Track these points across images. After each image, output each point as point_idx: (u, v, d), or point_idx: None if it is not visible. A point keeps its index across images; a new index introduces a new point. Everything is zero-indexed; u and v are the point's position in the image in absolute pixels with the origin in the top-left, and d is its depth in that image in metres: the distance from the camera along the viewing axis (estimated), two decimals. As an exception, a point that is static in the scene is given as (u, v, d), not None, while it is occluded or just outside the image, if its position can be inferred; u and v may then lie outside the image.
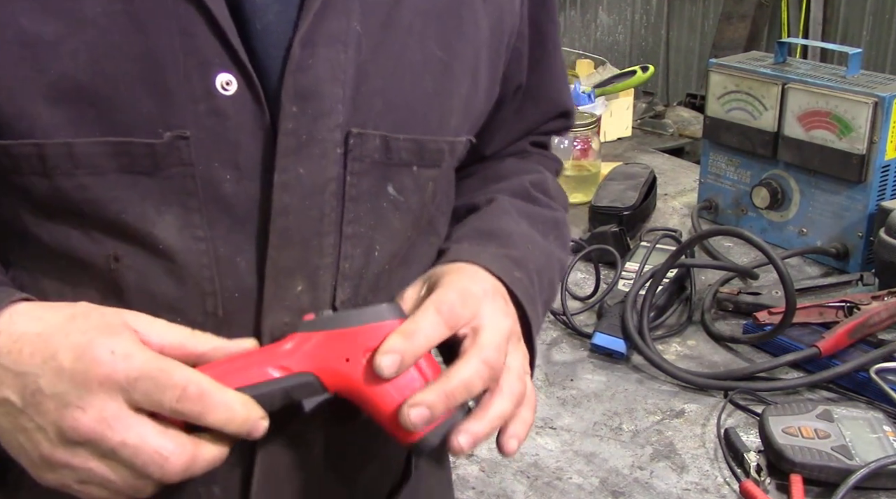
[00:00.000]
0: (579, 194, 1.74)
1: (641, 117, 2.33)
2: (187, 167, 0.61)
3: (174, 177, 0.61)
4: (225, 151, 0.62)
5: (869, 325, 1.15)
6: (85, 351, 0.57)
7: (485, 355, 0.64)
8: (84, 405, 0.56)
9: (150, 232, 0.61)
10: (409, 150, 0.69)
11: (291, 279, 0.65)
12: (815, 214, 1.46)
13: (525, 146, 0.91)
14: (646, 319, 1.22)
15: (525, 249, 0.78)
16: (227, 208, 0.63)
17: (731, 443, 1.02)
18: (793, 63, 1.51)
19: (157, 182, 0.61)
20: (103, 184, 0.60)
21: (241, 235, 0.63)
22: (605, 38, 4.35)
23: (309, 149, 0.64)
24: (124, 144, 0.59)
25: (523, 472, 1.02)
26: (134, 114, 0.59)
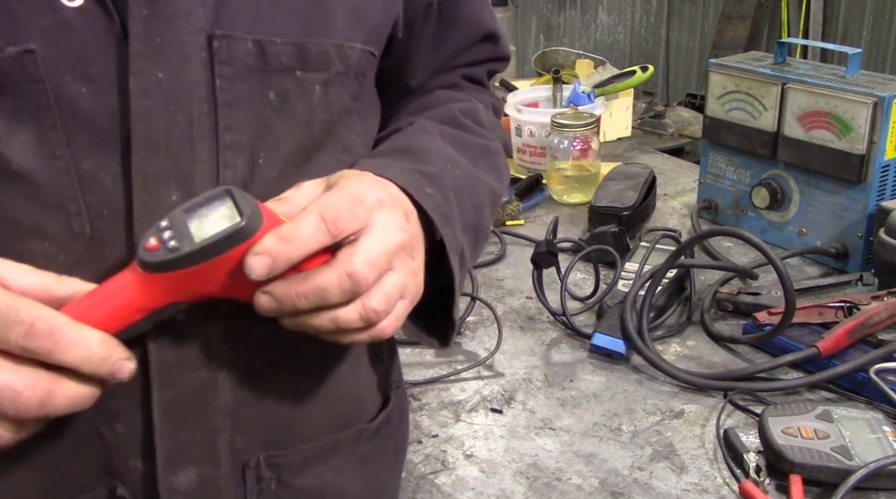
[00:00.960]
0: (579, 194, 1.74)
1: (641, 117, 2.33)
2: (37, 83, 0.59)
3: (24, 94, 0.59)
4: (76, 64, 0.60)
5: (869, 325, 1.15)
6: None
7: (351, 267, 0.61)
8: None
9: (3, 154, 0.59)
10: (289, 54, 0.66)
11: (164, 188, 0.63)
12: (814, 214, 1.46)
13: (456, 79, 0.88)
14: (645, 320, 1.22)
15: (443, 167, 0.75)
16: (85, 122, 0.61)
17: (730, 443, 1.02)
18: (793, 63, 1.51)
19: (6, 101, 0.59)
20: None
21: (103, 149, 0.62)
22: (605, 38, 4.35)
23: (166, 53, 0.62)
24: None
25: (522, 472, 1.02)
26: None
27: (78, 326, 0.57)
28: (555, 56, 2.37)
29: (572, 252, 1.45)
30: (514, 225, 1.66)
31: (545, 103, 2.02)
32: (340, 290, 0.61)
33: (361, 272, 0.61)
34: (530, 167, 1.88)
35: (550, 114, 1.78)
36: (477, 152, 0.81)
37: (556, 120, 1.73)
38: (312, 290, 0.60)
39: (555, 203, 1.76)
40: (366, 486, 0.80)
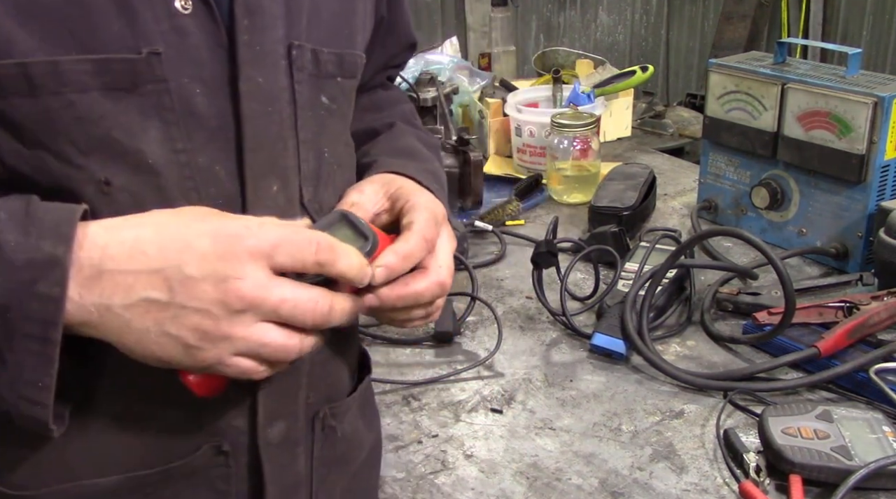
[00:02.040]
0: (579, 194, 1.74)
1: (641, 117, 2.33)
2: (162, 83, 0.65)
3: (151, 93, 0.65)
4: (192, 66, 0.66)
5: (868, 325, 1.15)
6: (220, 232, 0.62)
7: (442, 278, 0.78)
8: (241, 276, 0.62)
9: (139, 148, 0.65)
10: (333, 62, 0.77)
11: (267, 180, 0.71)
12: (814, 214, 1.46)
13: (383, 79, 1.03)
14: (645, 320, 1.22)
15: (432, 164, 0.93)
16: (200, 121, 0.67)
17: (730, 443, 1.02)
18: (792, 63, 1.51)
19: (137, 98, 0.64)
20: (89, 101, 0.62)
21: (216, 145, 0.68)
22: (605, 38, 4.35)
23: (263, 59, 0.70)
24: (106, 61, 0.62)
25: (522, 473, 1.02)
26: (107, 33, 0.62)
27: (339, 242, 0.68)
28: (555, 56, 2.37)
29: (572, 252, 1.45)
30: (514, 225, 1.66)
31: (545, 103, 2.02)
32: (432, 295, 0.78)
33: (448, 281, 0.79)
34: (530, 167, 1.88)
35: (550, 114, 1.78)
36: (431, 147, 0.99)
37: (556, 120, 1.73)
38: (412, 294, 0.76)
39: (555, 203, 1.76)
40: (369, 429, 0.95)
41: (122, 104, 0.64)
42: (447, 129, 1.84)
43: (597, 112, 1.83)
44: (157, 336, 0.62)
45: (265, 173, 0.71)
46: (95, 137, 0.63)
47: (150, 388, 0.70)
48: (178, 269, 0.61)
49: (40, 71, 0.61)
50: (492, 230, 1.60)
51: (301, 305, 0.65)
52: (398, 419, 1.12)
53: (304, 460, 0.82)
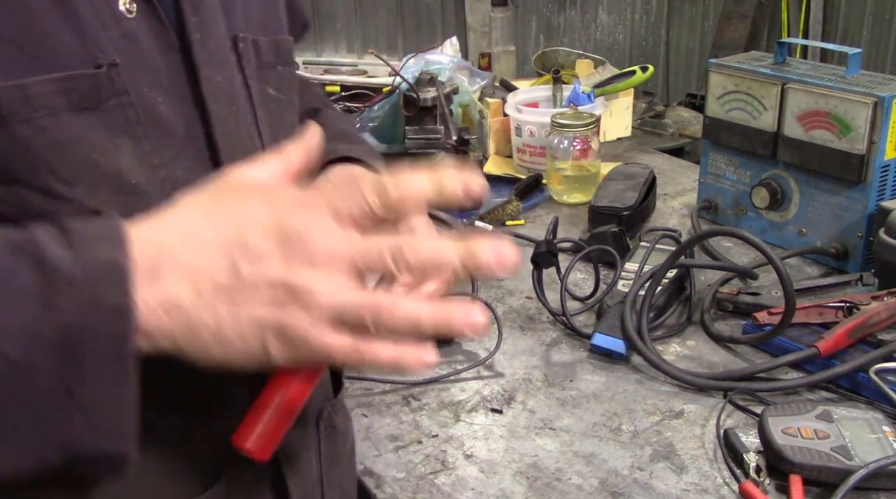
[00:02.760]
0: (579, 194, 1.74)
1: (641, 117, 2.33)
2: (124, 96, 0.60)
3: (115, 107, 0.60)
4: (148, 74, 0.62)
5: (868, 325, 1.15)
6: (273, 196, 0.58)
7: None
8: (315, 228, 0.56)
9: (119, 169, 0.60)
10: (272, 51, 0.73)
11: None
12: (814, 214, 1.46)
13: None
14: (645, 320, 1.22)
15: (365, 142, 0.92)
16: (168, 131, 0.63)
17: (730, 443, 1.02)
18: (792, 63, 1.51)
19: (102, 115, 0.59)
20: (60, 124, 0.57)
21: (189, 155, 0.64)
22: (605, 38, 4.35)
23: (216, 57, 0.66)
24: (70, 78, 0.57)
25: (522, 473, 1.02)
26: (60, 47, 0.57)
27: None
28: (555, 56, 2.37)
29: (572, 252, 1.45)
30: (514, 225, 1.66)
31: (545, 103, 2.01)
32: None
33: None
34: (530, 167, 1.88)
35: (550, 114, 1.78)
36: (353, 125, 1.01)
37: (556, 120, 1.73)
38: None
39: (555, 203, 1.76)
40: (346, 425, 0.95)
41: (90, 123, 0.59)
42: (447, 129, 1.84)
43: (597, 112, 1.83)
44: (233, 325, 0.54)
45: None
46: (75, 163, 0.58)
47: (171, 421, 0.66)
48: (238, 243, 0.55)
49: (7, 97, 0.55)
50: (492, 230, 1.60)
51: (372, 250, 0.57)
52: (398, 419, 1.12)
53: (315, 462, 0.82)
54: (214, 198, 0.59)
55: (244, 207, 0.57)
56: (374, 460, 1.04)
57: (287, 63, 0.76)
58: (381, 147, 1.99)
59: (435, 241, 0.58)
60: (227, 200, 0.58)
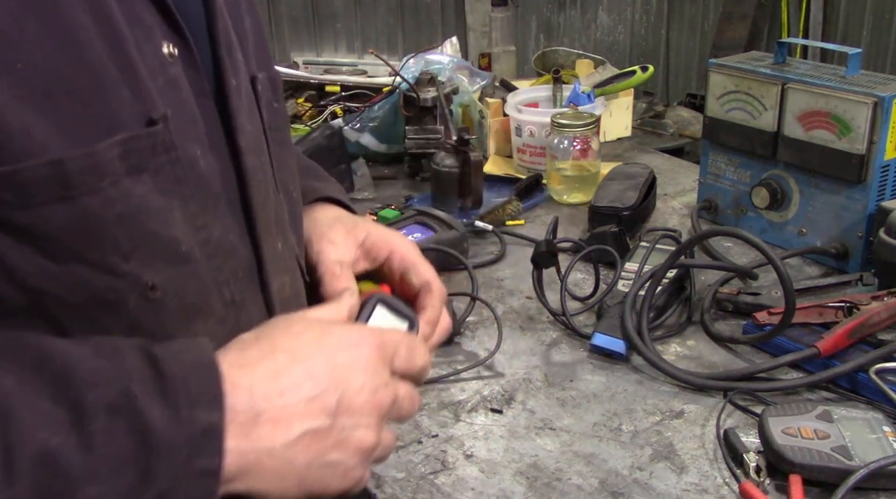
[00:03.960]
0: (579, 194, 1.74)
1: (641, 117, 2.33)
2: (172, 152, 0.55)
3: (165, 166, 0.55)
4: (190, 125, 0.57)
5: (868, 325, 1.14)
6: (351, 342, 0.61)
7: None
8: (385, 381, 0.61)
9: (173, 235, 0.56)
10: (268, 87, 0.70)
11: (273, 239, 0.66)
12: (814, 214, 1.46)
13: None
14: (645, 320, 1.22)
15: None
16: (207, 187, 0.59)
17: (730, 443, 1.02)
18: (793, 63, 1.51)
19: (153, 177, 0.54)
20: (124, 193, 0.52)
21: (224, 211, 0.61)
22: (605, 38, 4.35)
23: (246, 104, 0.63)
24: (133, 139, 0.52)
25: (522, 473, 1.02)
26: (119, 103, 0.52)
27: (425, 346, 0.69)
28: (555, 56, 2.37)
29: (572, 252, 1.45)
30: (514, 225, 1.66)
31: (545, 103, 2.01)
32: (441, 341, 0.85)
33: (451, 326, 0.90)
34: (530, 167, 1.88)
35: (550, 114, 1.78)
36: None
37: (556, 120, 1.73)
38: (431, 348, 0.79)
39: (555, 203, 1.76)
40: None
41: (146, 188, 0.53)
42: (447, 129, 1.84)
43: (597, 112, 1.83)
44: (319, 468, 0.57)
45: (271, 232, 0.65)
46: (137, 235, 0.53)
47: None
48: (332, 391, 0.57)
49: (77, 167, 0.49)
50: (492, 230, 1.60)
51: (415, 398, 0.66)
52: (398, 419, 1.12)
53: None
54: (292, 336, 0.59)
55: (327, 351, 0.59)
56: (374, 460, 1.04)
57: (280, 100, 0.73)
58: (381, 147, 1.99)
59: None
60: (309, 340, 0.59)
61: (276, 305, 0.67)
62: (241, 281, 0.63)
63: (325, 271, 0.76)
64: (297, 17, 4.21)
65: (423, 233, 1.51)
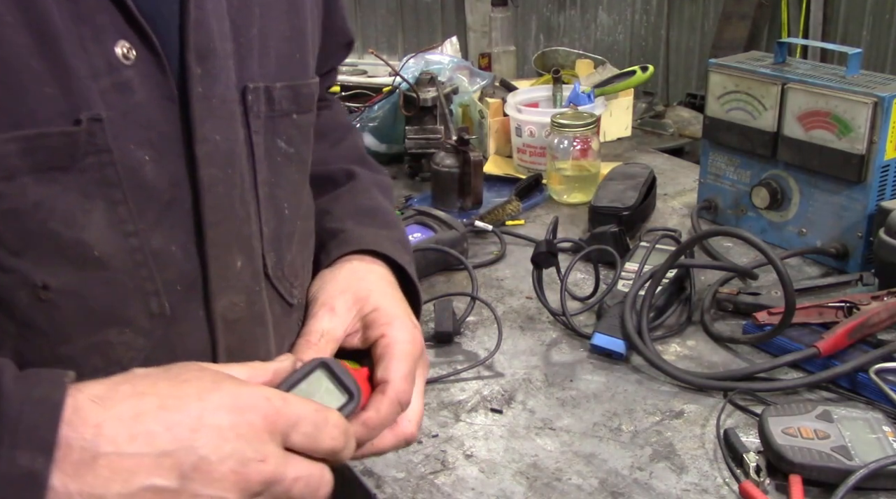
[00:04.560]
0: (579, 194, 1.74)
1: (641, 117, 2.33)
2: (104, 154, 0.54)
3: (92, 168, 0.54)
4: (138, 129, 0.56)
5: (868, 325, 1.14)
6: (237, 405, 0.53)
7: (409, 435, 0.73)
8: (263, 456, 0.54)
9: (80, 238, 0.54)
10: (288, 97, 0.67)
11: (230, 256, 0.63)
12: (814, 214, 1.46)
13: (322, 92, 0.91)
14: (645, 320, 1.22)
15: (397, 225, 0.87)
16: (151, 194, 0.57)
17: (730, 443, 1.02)
18: (792, 63, 1.51)
19: (75, 177, 0.53)
20: (18, 189, 0.51)
21: (170, 221, 0.59)
22: (605, 38, 4.35)
23: (218, 112, 0.60)
24: (39, 137, 0.51)
25: (522, 473, 1.02)
26: (37, 100, 0.51)
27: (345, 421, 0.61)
28: (555, 56, 2.37)
29: (572, 252, 1.45)
30: (514, 225, 1.66)
31: (545, 103, 2.02)
32: (394, 448, 0.73)
33: (415, 435, 0.74)
34: (530, 167, 1.88)
35: (550, 114, 1.78)
36: (388, 192, 0.92)
37: (556, 120, 1.73)
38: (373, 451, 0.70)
39: (555, 203, 1.76)
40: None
41: (57, 187, 0.52)
42: (447, 129, 1.84)
43: (597, 112, 1.83)
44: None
45: (228, 248, 0.62)
46: (28, 233, 0.52)
47: None
48: (191, 450, 0.51)
49: None
50: (492, 230, 1.60)
51: (312, 482, 0.57)
52: (398, 419, 1.12)
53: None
54: (178, 384, 0.53)
55: (206, 407, 0.53)
56: (374, 460, 1.04)
57: (305, 110, 0.71)
58: (381, 147, 1.99)
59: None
60: (192, 391, 0.53)
61: (217, 325, 0.63)
62: (177, 294, 0.60)
63: (302, 336, 0.72)
64: (297, 18, 4.20)
65: (423, 233, 1.51)
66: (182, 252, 0.60)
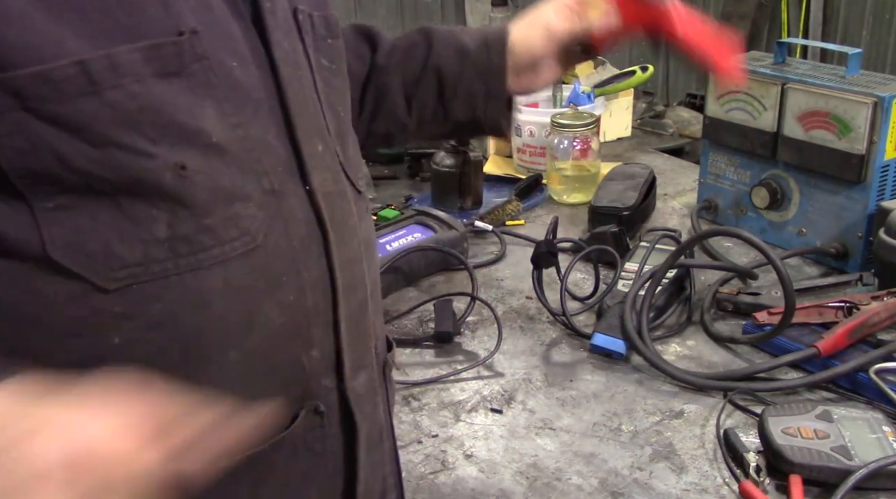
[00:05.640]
0: (579, 194, 1.74)
1: (641, 117, 2.33)
2: (204, 61, 0.64)
3: (198, 72, 0.64)
4: (224, 40, 0.66)
5: (868, 325, 1.15)
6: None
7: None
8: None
9: (202, 128, 0.64)
10: (324, 25, 0.79)
11: (313, 142, 0.73)
12: (814, 214, 1.46)
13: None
14: (645, 320, 1.22)
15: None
16: (245, 93, 0.67)
17: (730, 443, 1.02)
18: (792, 63, 1.51)
19: (187, 80, 0.63)
20: (148, 89, 0.61)
21: (264, 115, 0.69)
22: (604, 38, 4.34)
23: (283, 26, 0.71)
24: (156, 46, 0.61)
25: (522, 473, 1.02)
26: (146, 18, 0.62)
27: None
28: (555, 56, 2.37)
29: (572, 252, 1.45)
30: (514, 225, 1.66)
31: (545, 103, 2.01)
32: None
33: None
34: (530, 167, 1.88)
35: (550, 114, 1.78)
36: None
37: (556, 120, 1.73)
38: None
39: (555, 203, 1.76)
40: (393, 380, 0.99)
41: (175, 87, 0.63)
42: (447, 129, 1.84)
43: (597, 112, 1.83)
44: None
45: (310, 135, 0.72)
46: (162, 124, 0.62)
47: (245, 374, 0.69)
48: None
49: (99, 66, 0.59)
50: (492, 230, 1.60)
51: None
52: (398, 419, 1.12)
53: (382, 406, 0.85)
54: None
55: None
56: (374, 459, 1.04)
57: (336, 37, 0.81)
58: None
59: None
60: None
61: (318, 196, 0.72)
62: (281, 174, 0.69)
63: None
64: (298, 18, 4.21)
65: (423, 233, 1.51)
66: (276, 140, 0.69)
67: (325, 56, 0.78)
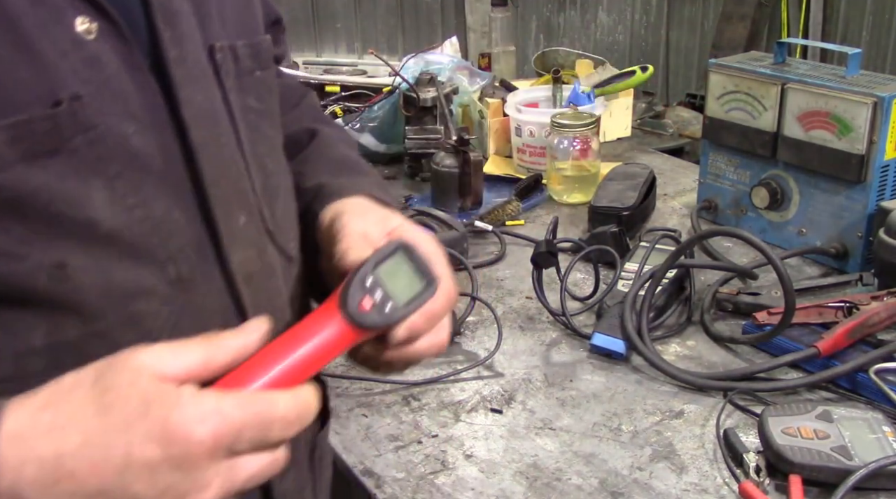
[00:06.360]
0: (579, 194, 1.74)
1: (641, 117, 2.33)
2: (90, 132, 0.54)
3: (81, 148, 0.54)
4: (118, 102, 0.56)
5: (868, 325, 1.14)
6: (167, 433, 0.49)
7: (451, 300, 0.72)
8: (203, 484, 0.50)
9: (88, 217, 0.54)
10: (249, 55, 0.67)
11: (234, 213, 0.63)
12: (814, 214, 1.46)
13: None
14: (645, 320, 1.22)
15: (372, 171, 0.86)
16: (143, 164, 0.57)
17: (730, 443, 1.02)
18: (792, 63, 1.51)
19: (67, 159, 0.53)
20: (15, 178, 0.51)
21: (168, 189, 0.59)
22: (604, 38, 4.35)
23: (194, 73, 0.60)
24: (23, 123, 0.51)
25: (522, 473, 1.02)
26: (15, 86, 0.51)
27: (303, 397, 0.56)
28: (555, 56, 2.37)
29: (572, 252, 1.45)
30: (514, 225, 1.66)
31: (545, 103, 2.01)
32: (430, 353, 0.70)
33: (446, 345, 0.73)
34: (530, 167, 1.88)
35: (550, 114, 1.78)
36: (354, 146, 0.92)
37: (556, 120, 1.73)
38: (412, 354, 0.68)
39: (555, 203, 1.76)
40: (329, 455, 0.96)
41: (51, 171, 0.52)
42: (447, 129, 1.84)
43: (597, 112, 1.83)
44: None
45: (229, 207, 0.63)
46: (34, 218, 0.52)
47: None
48: (122, 490, 0.48)
49: None
50: (492, 230, 1.60)
51: (265, 470, 0.54)
52: (398, 419, 1.12)
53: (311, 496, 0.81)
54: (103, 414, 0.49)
55: (133, 440, 0.49)
56: (374, 460, 1.04)
57: (266, 67, 0.71)
58: (381, 147, 1.99)
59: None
60: (118, 422, 0.49)
61: (237, 281, 0.63)
62: (191, 259, 0.60)
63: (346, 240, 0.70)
64: (297, 18, 4.21)
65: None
66: (184, 217, 0.60)
67: (251, 94, 0.68)
